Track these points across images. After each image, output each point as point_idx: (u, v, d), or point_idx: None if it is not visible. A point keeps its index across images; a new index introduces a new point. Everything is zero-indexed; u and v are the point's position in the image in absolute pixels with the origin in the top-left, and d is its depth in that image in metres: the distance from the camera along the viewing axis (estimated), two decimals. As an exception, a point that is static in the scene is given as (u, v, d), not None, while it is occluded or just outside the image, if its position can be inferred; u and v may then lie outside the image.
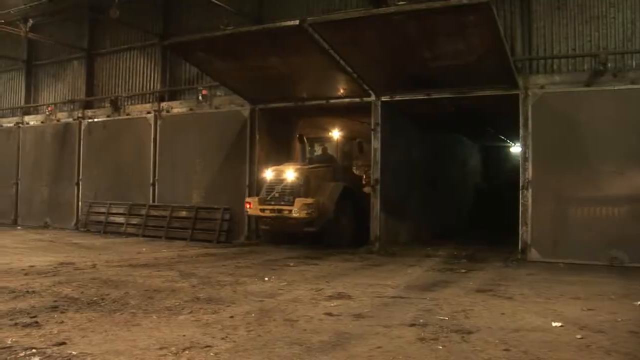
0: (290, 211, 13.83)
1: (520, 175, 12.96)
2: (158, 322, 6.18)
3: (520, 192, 12.87)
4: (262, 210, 14.41)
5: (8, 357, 4.88)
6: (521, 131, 12.95)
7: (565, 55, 13.16)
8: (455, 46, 11.48)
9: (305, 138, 16.45)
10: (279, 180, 14.50)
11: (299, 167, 14.84)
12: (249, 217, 15.60)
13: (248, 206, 14.80)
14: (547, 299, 8.04)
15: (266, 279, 9.53)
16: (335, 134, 16.25)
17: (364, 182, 16.25)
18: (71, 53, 22.26)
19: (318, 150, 16.57)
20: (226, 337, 5.65)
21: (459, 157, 23.43)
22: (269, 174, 14.88)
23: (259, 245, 15.39)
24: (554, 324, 6.35)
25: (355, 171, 16.66)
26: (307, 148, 16.79)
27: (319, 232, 14.21)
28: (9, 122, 23.37)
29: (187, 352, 5.12)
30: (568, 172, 12.46)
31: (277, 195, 14.33)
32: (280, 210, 14.12)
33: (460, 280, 9.90)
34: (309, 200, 13.78)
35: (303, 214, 13.67)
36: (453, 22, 10.77)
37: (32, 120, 22.62)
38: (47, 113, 21.86)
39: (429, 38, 11.54)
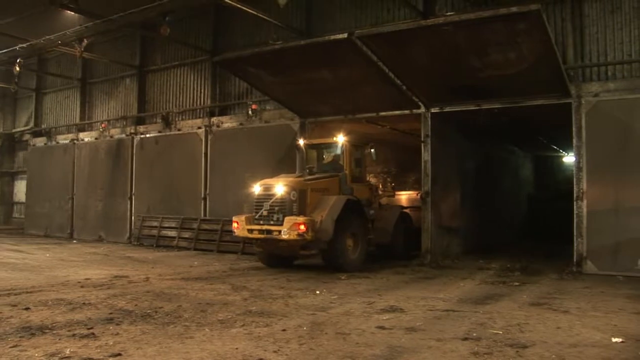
0: (280, 232, 11.83)
1: (574, 185, 12.64)
2: (211, 335, 6.24)
3: (575, 202, 12.56)
4: (250, 230, 12.42)
5: (66, 369, 5.00)
6: (575, 140, 12.64)
7: (620, 62, 12.80)
8: (506, 55, 11.32)
9: (302, 145, 14.27)
10: (267, 196, 12.42)
11: (292, 179, 12.73)
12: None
13: (235, 226, 12.73)
14: (606, 313, 7.82)
15: (317, 292, 9.54)
16: (341, 138, 13.67)
17: (380, 192, 15.31)
18: (123, 70, 22.87)
19: (328, 158, 14.43)
20: (278, 350, 5.66)
21: (510, 168, 23.06)
22: (257, 188, 12.75)
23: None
24: (614, 340, 6.17)
25: (372, 180, 15.42)
26: (311, 156, 14.78)
27: (323, 254, 12.47)
28: (65, 139, 24.07)
29: (240, 365, 5.15)
30: (626, 182, 12.09)
31: (265, 213, 12.31)
32: (269, 231, 12.09)
33: (513, 293, 9.72)
34: (301, 219, 11.70)
35: (294, 235, 11.61)
36: (503, 30, 10.63)
37: (87, 136, 23.24)
38: (101, 129, 22.44)
39: (478, 48, 11.42)
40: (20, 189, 28.60)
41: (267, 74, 14.63)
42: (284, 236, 11.70)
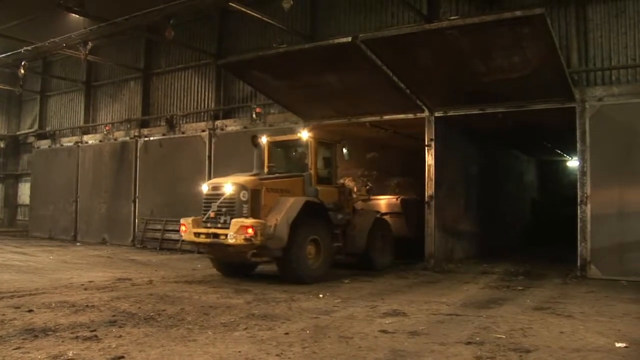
0: (226, 236, 10.56)
1: (578, 190, 12.59)
2: (214, 338, 6.24)
3: (579, 207, 12.49)
4: (197, 234, 11.28)
5: (69, 371, 5.00)
6: (578, 145, 12.59)
7: (625, 66, 12.79)
8: (510, 59, 11.31)
9: (260, 140, 12.58)
10: (216, 195, 11.33)
11: (244, 177, 11.47)
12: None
13: (183, 229, 11.62)
14: (610, 318, 7.79)
15: (321, 295, 9.53)
16: (305, 135, 12.73)
17: (354, 195, 13.90)
18: (128, 73, 22.95)
19: (295, 157, 13.57)
20: (281, 353, 5.65)
21: (514, 172, 23.01)
22: (204, 187, 11.85)
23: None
24: (617, 345, 6.14)
25: (349, 183, 14.26)
26: (277, 155, 13.62)
27: (278, 263, 11.23)
28: (69, 141, 24.09)
29: (242, 368, 5.15)
30: (630, 186, 12.04)
31: (212, 215, 11.22)
32: (215, 235, 10.90)
33: (517, 298, 9.70)
34: (248, 222, 10.40)
35: (240, 240, 10.31)
36: (507, 35, 10.61)
37: (91, 139, 23.23)
38: (105, 132, 22.44)
39: (482, 52, 11.40)
40: (24, 191, 28.73)
41: (272, 78, 14.62)
42: (230, 240, 10.47)
